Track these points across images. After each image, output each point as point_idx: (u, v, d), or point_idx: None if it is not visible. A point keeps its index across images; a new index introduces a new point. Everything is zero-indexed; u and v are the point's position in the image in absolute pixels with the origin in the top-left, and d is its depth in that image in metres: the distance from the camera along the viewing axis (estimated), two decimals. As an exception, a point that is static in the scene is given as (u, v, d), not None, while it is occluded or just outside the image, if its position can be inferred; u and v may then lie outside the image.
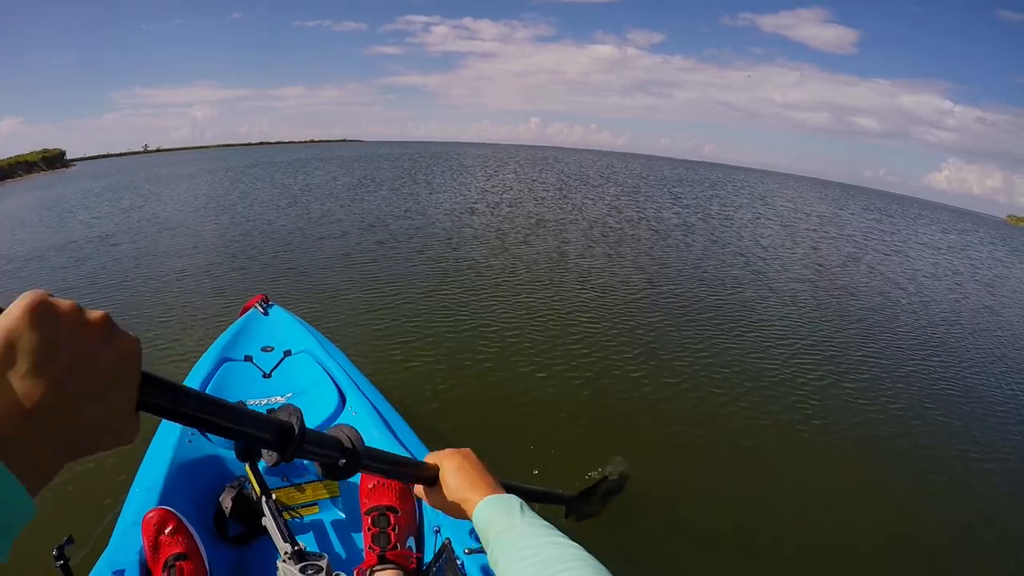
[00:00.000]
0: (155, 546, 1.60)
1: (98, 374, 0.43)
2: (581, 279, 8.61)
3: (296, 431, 0.66)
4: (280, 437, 0.65)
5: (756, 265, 10.94)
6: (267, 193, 19.96)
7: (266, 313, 3.36)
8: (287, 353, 2.80)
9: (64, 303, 0.42)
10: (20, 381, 0.38)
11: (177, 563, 1.55)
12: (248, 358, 2.83)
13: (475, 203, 17.31)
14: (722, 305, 7.83)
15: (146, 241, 11.27)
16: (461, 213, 14.83)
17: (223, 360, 2.84)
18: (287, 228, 12.22)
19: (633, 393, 4.99)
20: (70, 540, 1.47)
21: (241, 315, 3.42)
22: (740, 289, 8.85)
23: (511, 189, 22.90)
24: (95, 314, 0.44)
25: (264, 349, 2.92)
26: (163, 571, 1.55)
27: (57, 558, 1.42)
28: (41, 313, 0.40)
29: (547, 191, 22.89)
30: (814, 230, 18.54)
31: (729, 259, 11.26)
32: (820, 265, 11.86)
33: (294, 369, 2.72)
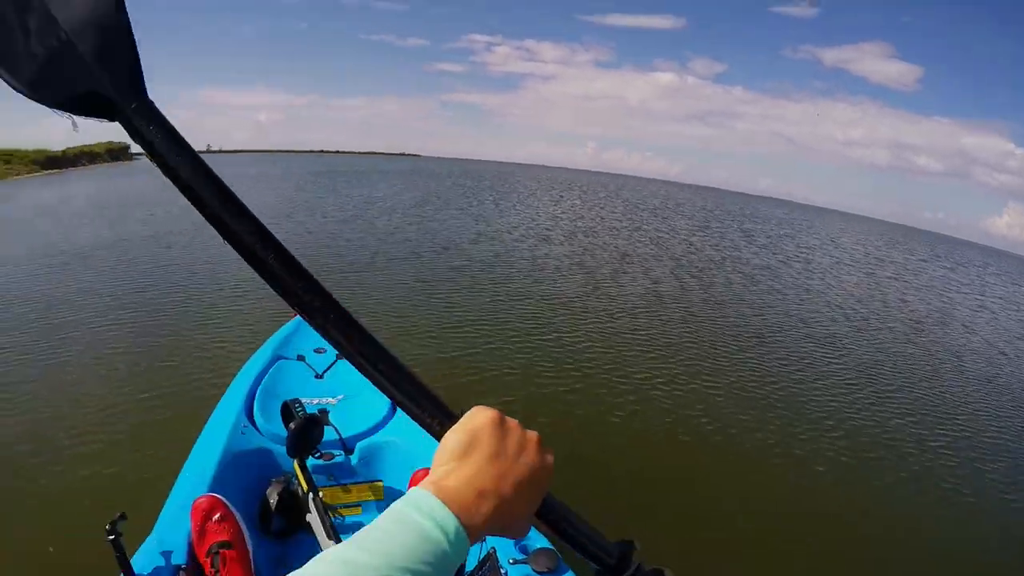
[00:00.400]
0: (202, 531, 1.61)
1: (528, 477, 0.53)
2: (687, 329, 8.18)
3: (632, 559, 0.65)
4: (620, 561, 0.63)
5: (856, 321, 10.35)
6: (331, 203, 19.99)
7: None
8: (340, 356, 2.80)
9: (512, 421, 0.55)
10: (477, 467, 0.51)
11: (221, 551, 1.54)
12: (301, 358, 2.87)
13: (549, 230, 17.05)
14: (838, 369, 7.29)
15: (200, 247, 10.57)
16: (537, 241, 14.55)
17: (277, 358, 2.89)
18: (353, 243, 12.04)
19: (785, 497, 4.37)
20: (123, 516, 1.47)
21: (294, 316, 3.57)
22: (851, 349, 8.31)
23: (582, 217, 22.61)
24: (532, 433, 0.56)
25: (317, 351, 2.93)
26: (207, 556, 1.54)
27: (109, 532, 1.43)
28: (499, 423, 0.54)
29: (619, 221, 22.53)
30: (894, 278, 17.82)
31: (827, 311, 10.71)
32: (917, 323, 11.24)
33: (346, 372, 2.63)
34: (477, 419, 0.53)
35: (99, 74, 0.44)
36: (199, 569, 1.60)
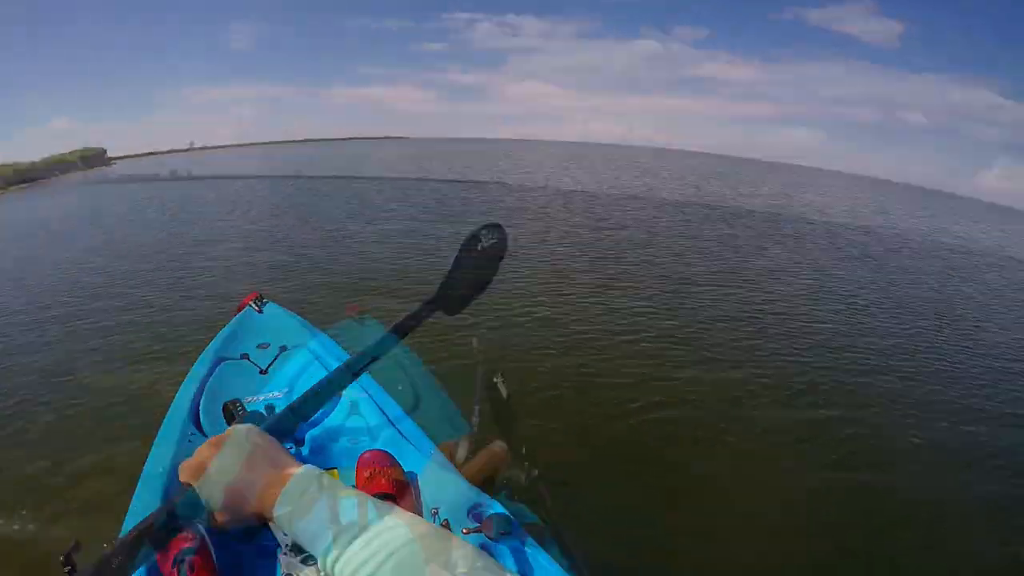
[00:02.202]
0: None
1: None
2: None
3: None
4: None
5: None
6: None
7: (260, 311, 3.07)
8: (283, 349, 2.57)
9: None
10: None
11: (187, 558, 1.38)
12: (244, 356, 2.58)
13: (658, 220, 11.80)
14: None
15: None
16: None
17: (219, 360, 2.58)
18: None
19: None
20: (77, 546, 1.16)
21: (235, 315, 3.08)
22: None
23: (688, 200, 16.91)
24: None
25: (260, 346, 2.68)
26: (173, 567, 1.36)
27: (65, 563, 1.14)
28: None
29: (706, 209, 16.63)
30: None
31: None
32: None
33: (291, 364, 2.49)
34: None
35: None
36: None
